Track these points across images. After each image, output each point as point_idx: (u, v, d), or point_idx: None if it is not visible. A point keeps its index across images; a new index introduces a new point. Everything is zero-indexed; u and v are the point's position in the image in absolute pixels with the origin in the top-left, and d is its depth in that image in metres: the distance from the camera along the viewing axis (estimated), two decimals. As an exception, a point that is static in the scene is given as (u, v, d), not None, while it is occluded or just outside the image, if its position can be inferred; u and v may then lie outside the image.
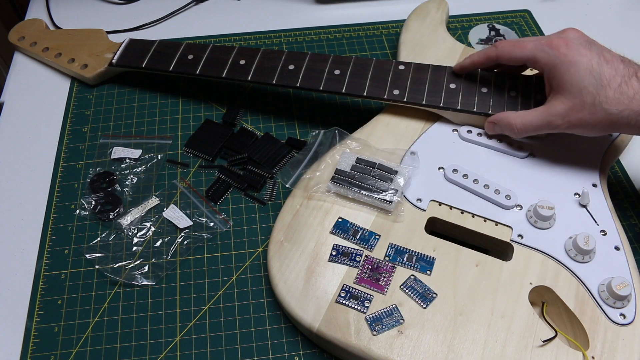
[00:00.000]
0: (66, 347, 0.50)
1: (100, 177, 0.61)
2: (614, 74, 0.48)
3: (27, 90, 0.71)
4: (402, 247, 0.51)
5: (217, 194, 0.60)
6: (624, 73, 0.48)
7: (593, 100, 0.48)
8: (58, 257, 0.56)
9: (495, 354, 0.45)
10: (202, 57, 0.66)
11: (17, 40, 0.74)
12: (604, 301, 0.47)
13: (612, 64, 0.49)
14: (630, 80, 0.48)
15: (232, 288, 0.54)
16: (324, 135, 0.60)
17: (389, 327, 0.46)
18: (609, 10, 0.82)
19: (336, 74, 0.62)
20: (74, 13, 0.81)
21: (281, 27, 0.79)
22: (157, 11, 0.81)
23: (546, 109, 0.52)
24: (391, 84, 0.60)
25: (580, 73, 0.49)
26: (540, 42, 0.52)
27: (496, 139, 0.57)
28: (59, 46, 0.73)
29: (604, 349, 0.45)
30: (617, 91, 0.48)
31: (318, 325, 0.47)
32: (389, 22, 0.80)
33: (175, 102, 0.70)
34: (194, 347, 0.50)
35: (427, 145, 0.58)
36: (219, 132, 0.65)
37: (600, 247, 0.50)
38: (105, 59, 0.70)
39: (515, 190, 0.54)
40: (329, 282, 0.49)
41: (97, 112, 0.68)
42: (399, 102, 0.60)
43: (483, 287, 0.48)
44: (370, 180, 0.53)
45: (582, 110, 0.49)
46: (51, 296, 0.53)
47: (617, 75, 0.48)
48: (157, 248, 0.56)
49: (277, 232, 0.52)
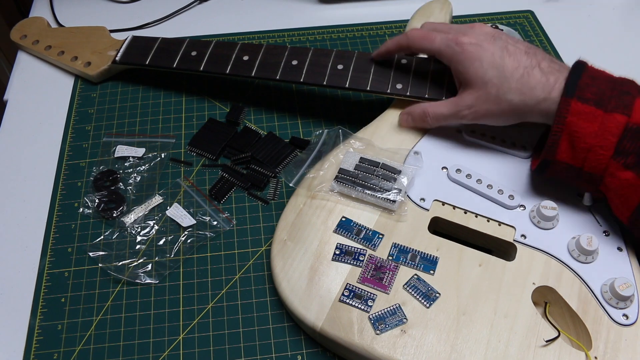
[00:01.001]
0: (69, 344, 0.50)
1: (104, 176, 0.61)
2: (517, 66, 0.51)
3: (30, 88, 0.72)
4: (406, 246, 0.51)
5: (221, 192, 0.60)
6: (527, 64, 0.51)
7: (497, 92, 0.51)
8: (61, 255, 0.56)
9: (498, 353, 0.45)
10: (206, 54, 0.66)
11: (19, 39, 0.74)
12: (606, 301, 0.48)
13: (515, 56, 0.51)
14: (532, 71, 0.50)
15: (235, 287, 0.54)
16: (327, 135, 0.60)
17: (392, 326, 0.46)
18: (613, 12, 0.82)
19: (339, 68, 0.62)
20: (78, 11, 0.81)
21: (284, 26, 0.79)
22: (161, 10, 0.81)
23: (455, 101, 0.55)
24: (394, 79, 0.61)
25: (483, 67, 0.52)
26: (448, 38, 0.55)
27: (499, 139, 0.57)
28: (61, 44, 0.73)
29: (607, 349, 0.45)
30: (519, 82, 0.50)
31: (321, 324, 0.47)
32: (392, 22, 0.80)
33: (179, 100, 0.70)
34: (197, 346, 0.50)
35: (431, 145, 0.58)
36: (222, 131, 0.65)
37: (603, 248, 0.50)
38: (108, 56, 0.70)
39: (518, 190, 0.54)
40: (332, 281, 0.49)
41: (101, 111, 0.68)
42: (401, 96, 0.60)
43: (486, 287, 0.48)
44: (373, 179, 0.54)
45: (487, 102, 0.52)
46: (54, 294, 0.53)
47: (519, 67, 0.51)
48: (161, 246, 0.56)
49: (281, 231, 0.52)
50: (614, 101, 0.47)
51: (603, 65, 0.51)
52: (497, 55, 0.52)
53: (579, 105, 0.47)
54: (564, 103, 0.48)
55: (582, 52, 0.53)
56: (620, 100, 0.47)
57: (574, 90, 0.48)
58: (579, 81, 0.48)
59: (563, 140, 0.48)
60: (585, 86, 0.48)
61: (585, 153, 0.47)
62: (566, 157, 0.48)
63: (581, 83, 0.48)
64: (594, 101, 0.47)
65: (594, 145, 0.47)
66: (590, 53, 0.55)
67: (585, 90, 0.48)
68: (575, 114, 0.47)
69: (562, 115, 0.48)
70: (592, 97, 0.47)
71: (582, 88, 0.48)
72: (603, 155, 0.47)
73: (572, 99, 0.47)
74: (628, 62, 0.74)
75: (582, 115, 0.47)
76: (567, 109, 0.47)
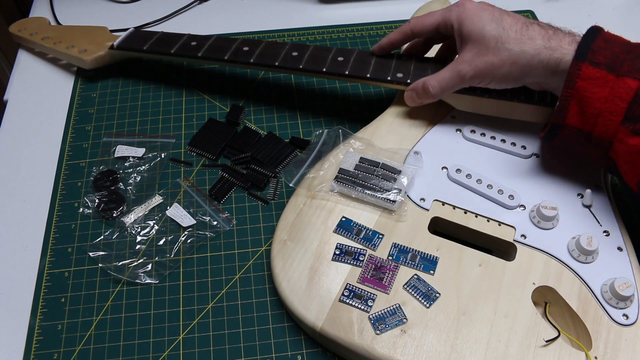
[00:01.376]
0: (69, 344, 0.51)
1: (104, 176, 0.61)
2: (515, 21, 0.52)
3: (30, 88, 0.72)
4: (406, 246, 0.51)
5: (221, 192, 0.60)
6: (525, 21, 0.52)
7: (496, 43, 0.51)
8: (61, 255, 0.56)
9: (498, 353, 0.45)
10: (205, 45, 0.66)
11: (18, 31, 0.74)
12: (606, 302, 0.47)
13: (512, 16, 0.53)
14: (531, 26, 0.51)
15: (235, 287, 0.54)
16: (327, 135, 0.60)
17: (392, 326, 0.46)
18: (613, 12, 0.82)
19: (340, 60, 0.62)
20: (78, 11, 0.81)
21: (285, 26, 0.79)
22: (161, 10, 0.81)
23: (455, 60, 0.55)
24: (395, 68, 0.61)
25: (483, 21, 0.53)
26: (444, 9, 0.57)
27: (499, 139, 0.57)
28: (59, 37, 0.72)
29: (607, 350, 0.45)
30: (519, 33, 0.51)
31: (321, 324, 0.47)
32: (392, 22, 0.80)
33: (179, 100, 0.70)
34: (197, 346, 0.50)
35: (431, 145, 0.58)
36: (222, 131, 0.65)
37: (603, 248, 0.50)
38: (105, 45, 0.70)
39: (518, 190, 0.54)
40: (332, 281, 0.49)
41: (101, 111, 0.68)
42: (402, 85, 0.59)
43: (486, 287, 0.48)
44: (373, 179, 0.54)
45: (487, 54, 0.52)
46: (54, 294, 0.53)
47: (518, 22, 0.52)
48: (161, 246, 0.56)
49: (281, 231, 0.52)
50: (627, 65, 0.46)
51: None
52: (496, 13, 0.53)
53: (590, 70, 0.46)
54: (575, 66, 0.47)
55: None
56: (634, 64, 0.46)
57: (585, 53, 0.47)
58: (592, 44, 0.47)
59: (572, 105, 0.48)
60: (598, 49, 0.47)
61: (594, 118, 0.47)
62: (575, 121, 0.48)
63: (594, 46, 0.47)
64: (605, 65, 0.46)
65: (603, 111, 0.46)
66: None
67: (598, 54, 0.47)
68: (586, 79, 0.47)
69: (573, 79, 0.47)
70: (604, 60, 0.46)
71: (594, 51, 0.47)
72: (612, 121, 0.46)
73: (584, 62, 0.47)
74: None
75: (593, 80, 0.46)
76: (578, 74, 0.47)
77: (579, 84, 0.47)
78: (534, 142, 0.57)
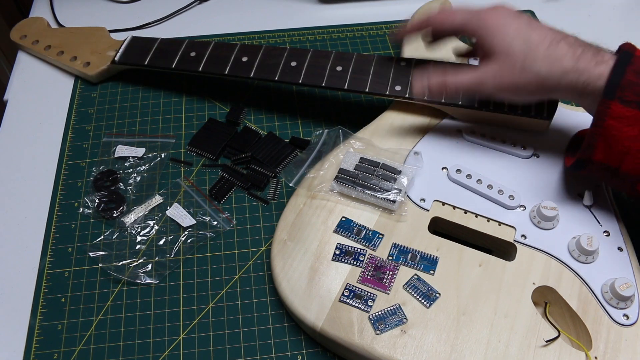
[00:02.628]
0: (69, 344, 0.51)
1: (104, 176, 0.61)
2: (543, 38, 0.49)
3: (30, 88, 0.72)
4: (406, 246, 0.51)
5: (221, 192, 0.60)
6: (552, 38, 0.49)
7: (523, 62, 0.49)
8: (61, 255, 0.56)
9: (498, 353, 0.45)
10: (205, 55, 0.66)
11: (19, 39, 0.75)
12: (607, 302, 0.47)
13: (540, 30, 0.50)
14: (559, 44, 0.48)
15: (235, 287, 0.54)
16: (327, 135, 0.60)
17: (392, 326, 0.46)
18: (613, 11, 0.82)
19: (338, 70, 0.62)
20: (78, 12, 0.81)
21: (284, 26, 0.79)
22: (161, 10, 0.81)
23: (478, 69, 0.52)
24: (393, 80, 0.60)
25: (509, 36, 0.50)
26: (470, 12, 0.53)
27: (499, 139, 0.57)
28: (61, 44, 0.73)
29: (607, 350, 0.45)
30: (546, 52, 0.48)
31: (321, 324, 0.47)
32: (392, 22, 0.80)
33: (179, 100, 0.70)
34: (197, 346, 0.50)
35: (431, 145, 0.58)
36: (222, 131, 0.65)
37: (603, 248, 0.50)
38: (107, 56, 0.70)
39: (518, 190, 0.54)
40: (332, 281, 0.49)
41: (101, 111, 0.68)
42: (400, 98, 0.60)
43: (486, 287, 0.48)
44: (373, 179, 0.53)
45: (512, 72, 0.50)
46: (55, 294, 0.53)
47: (545, 39, 0.49)
48: (161, 246, 0.56)
49: (281, 231, 0.52)
50: None
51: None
52: (523, 28, 0.50)
53: (620, 108, 0.45)
54: (604, 104, 0.45)
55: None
56: None
57: (614, 90, 0.45)
58: (621, 80, 0.45)
59: (600, 142, 0.47)
60: (628, 85, 0.45)
61: (622, 155, 0.46)
62: (602, 157, 0.47)
63: (624, 82, 0.45)
64: (637, 103, 0.45)
65: (632, 149, 0.45)
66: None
67: (628, 90, 0.45)
68: (615, 118, 0.45)
69: (601, 117, 0.46)
70: (635, 98, 0.45)
71: (624, 88, 0.45)
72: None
73: (613, 100, 0.45)
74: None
75: (623, 120, 0.45)
76: (607, 112, 0.45)
77: (608, 122, 0.45)
78: (534, 142, 0.57)
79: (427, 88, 0.54)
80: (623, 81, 0.45)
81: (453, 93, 0.54)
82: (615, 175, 0.48)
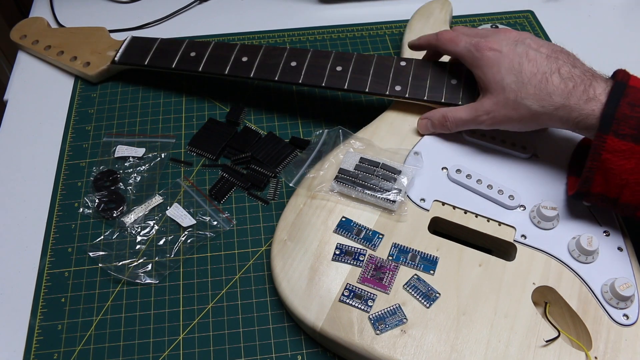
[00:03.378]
0: (69, 344, 0.51)
1: (104, 176, 0.61)
2: (535, 72, 0.50)
3: (30, 88, 0.72)
4: (406, 246, 0.51)
5: (221, 192, 0.60)
6: (546, 70, 0.50)
7: (515, 98, 0.51)
8: (61, 255, 0.56)
9: (498, 353, 0.45)
10: (205, 55, 0.66)
11: (19, 39, 0.75)
12: (607, 302, 0.47)
13: (534, 62, 0.51)
14: (551, 77, 0.49)
15: (235, 287, 0.54)
16: (327, 135, 0.60)
17: (392, 326, 0.46)
18: (613, 11, 0.82)
19: (338, 70, 0.62)
20: (78, 11, 0.81)
21: (284, 26, 0.79)
22: (161, 10, 0.81)
23: (474, 106, 0.55)
24: (393, 80, 0.60)
25: (502, 72, 0.51)
26: (471, 43, 0.55)
27: (499, 139, 0.57)
28: (60, 44, 0.73)
29: (607, 350, 0.45)
30: (537, 88, 0.49)
31: (321, 324, 0.47)
32: (392, 22, 0.80)
33: (179, 100, 0.70)
34: (197, 346, 0.50)
35: (431, 146, 0.58)
36: (222, 131, 0.65)
37: (603, 248, 0.50)
38: (107, 56, 0.70)
39: (518, 190, 0.54)
40: (332, 281, 0.49)
41: (101, 111, 0.68)
42: (400, 98, 0.60)
43: (486, 287, 0.48)
44: (373, 179, 0.54)
45: (506, 107, 0.52)
46: (55, 294, 0.53)
47: (538, 72, 0.50)
48: (161, 246, 0.56)
49: (281, 231, 0.52)
50: None
51: (603, 65, 0.51)
52: (516, 61, 0.51)
53: (615, 142, 0.45)
54: (599, 139, 0.46)
55: (582, 52, 0.53)
56: None
57: (609, 125, 0.46)
58: (616, 112, 0.46)
59: (597, 176, 0.47)
60: (623, 118, 0.45)
61: (620, 188, 0.46)
62: (601, 189, 0.48)
63: (618, 114, 0.45)
64: (631, 137, 0.45)
65: (629, 181, 0.46)
66: (591, 53, 0.55)
67: (623, 123, 0.45)
68: (611, 152, 0.46)
69: (597, 151, 0.46)
70: (630, 131, 0.45)
71: (619, 121, 0.45)
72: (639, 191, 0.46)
73: (608, 135, 0.45)
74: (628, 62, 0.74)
75: (619, 153, 0.45)
76: (603, 146, 0.46)
77: (604, 156, 0.46)
78: (534, 142, 0.57)
79: (429, 123, 0.58)
80: (617, 114, 0.46)
81: (453, 128, 0.56)
82: (615, 205, 0.48)
